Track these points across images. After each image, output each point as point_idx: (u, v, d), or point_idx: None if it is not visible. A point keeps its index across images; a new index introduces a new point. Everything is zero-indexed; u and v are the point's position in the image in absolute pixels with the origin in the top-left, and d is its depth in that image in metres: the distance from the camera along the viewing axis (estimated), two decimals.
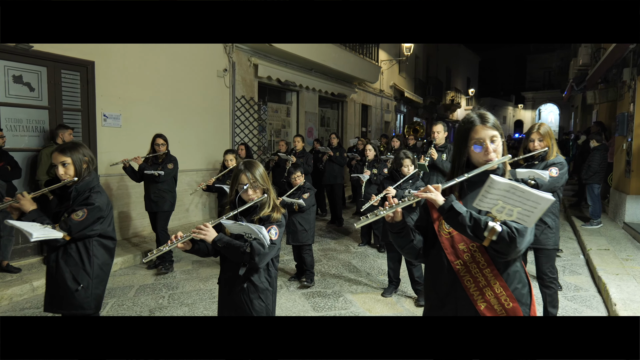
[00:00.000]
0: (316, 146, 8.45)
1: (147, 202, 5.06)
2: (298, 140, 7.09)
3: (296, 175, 4.43)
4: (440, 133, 5.01)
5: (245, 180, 2.13)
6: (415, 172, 4.01)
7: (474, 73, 33.26)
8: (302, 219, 4.41)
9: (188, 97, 7.06)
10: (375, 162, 6.00)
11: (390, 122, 16.56)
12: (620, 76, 7.17)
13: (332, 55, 10.20)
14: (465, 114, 1.74)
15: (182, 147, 6.92)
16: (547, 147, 3.19)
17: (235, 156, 5.18)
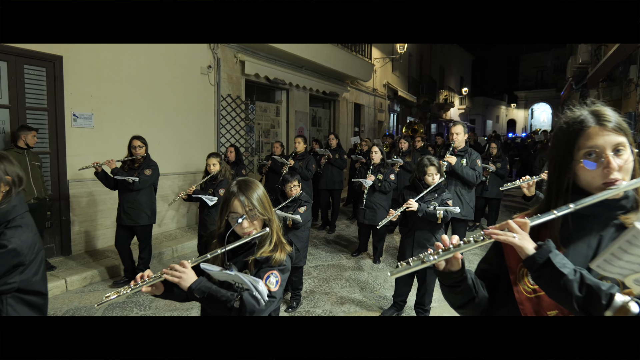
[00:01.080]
0: (315, 147, 7.97)
1: (120, 213, 4.51)
2: (299, 141, 6.40)
3: (292, 185, 3.88)
4: (460, 135, 4.58)
5: (239, 207, 1.63)
6: (441, 181, 3.54)
7: (467, 72, 33.01)
8: (294, 237, 3.87)
9: (169, 96, 6.57)
10: (381, 167, 5.38)
11: (383, 122, 16.16)
12: (627, 74, 6.82)
13: (323, 53, 9.75)
14: (574, 113, 1.16)
15: (162, 149, 6.44)
16: None
17: (219, 160, 4.61)
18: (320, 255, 5.85)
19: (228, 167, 4.72)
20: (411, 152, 6.75)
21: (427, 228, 3.50)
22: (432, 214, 3.36)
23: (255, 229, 1.66)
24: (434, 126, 25.73)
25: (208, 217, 4.41)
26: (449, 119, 27.66)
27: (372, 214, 5.21)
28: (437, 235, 3.52)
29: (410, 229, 3.60)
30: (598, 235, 1.11)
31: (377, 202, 5.24)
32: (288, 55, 8.82)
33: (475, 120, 34.45)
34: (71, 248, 5.32)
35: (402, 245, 3.69)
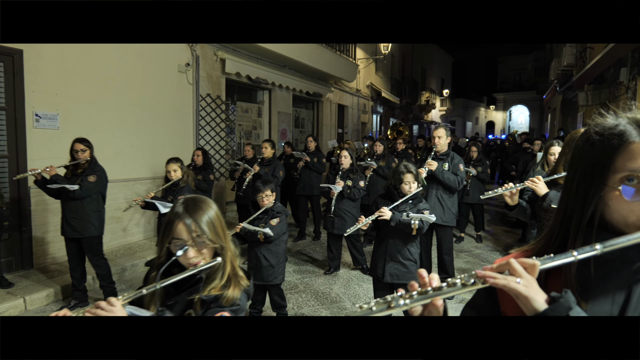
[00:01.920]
0: (287, 150, 7.58)
1: (64, 225, 4.00)
2: (266, 146, 5.86)
3: (264, 195, 3.50)
4: (442, 138, 4.33)
5: (184, 233, 1.31)
6: (419, 191, 3.23)
7: (448, 74, 33.22)
8: (268, 251, 3.51)
9: (143, 95, 6.12)
10: (350, 172, 5.03)
11: (367, 123, 15.94)
12: (617, 76, 6.72)
13: (307, 52, 9.42)
14: (607, 122, 0.87)
15: (135, 152, 6.00)
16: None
17: (180, 165, 4.20)
18: (305, 266, 5.51)
19: (190, 173, 4.37)
20: (385, 156, 6.36)
21: (400, 239, 3.21)
22: (406, 223, 3.07)
23: (204, 258, 1.34)
24: (415, 128, 25.70)
25: None
26: (431, 120, 27.71)
27: (341, 222, 4.90)
28: (411, 248, 3.23)
29: (382, 240, 3.31)
30: (626, 287, 0.84)
31: (346, 210, 4.93)
32: (271, 54, 8.46)
33: (455, 122, 34.69)
34: (33, 261, 4.84)
35: (374, 257, 3.38)
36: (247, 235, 3.45)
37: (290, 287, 4.70)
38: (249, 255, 3.64)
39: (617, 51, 5.80)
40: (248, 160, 6.02)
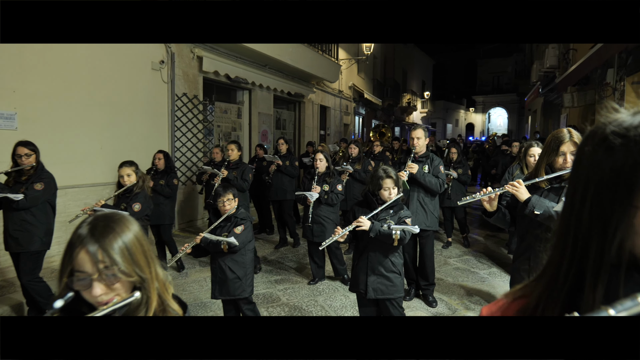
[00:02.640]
0: (259, 153, 7.22)
1: (6, 238, 3.57)
2: (232, 148, 5.46)
3: (225, 199, 3.18)
4: (421, 139, 4.12)
5: (88, 264, 1.00)
6: (399, 197, 2.94)
7: (429, 76, 33.37)
8: (233, 262, 3.20)
9: (113, 93, 5.72)
10: (326, 176, 4.68)
11: (349, 125, 15.72)
12: (604, 78, 6.64)
13: (288, 51, 9.12)
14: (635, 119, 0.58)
15: (104, 154, 5.59)
16: None
17: (135, 169, 3.79)
18: (287, 276, 5.20)
19: (147, 178, 3.97)
20: (361, 159, 6.09)
21: (381, 250, 2.94)
22: (386, 234, 2.80)
23: (118, 294, 1.04)
24: (397, 129, 25.66)
25: None
26: (412, 122, 27.73)
27: (321, 230, 4.61)
28: (393, 259, 2.95)
29: (361, 252, 3.02)
30: None
31: (324, 216, 4.62)
32: (251, 53, 8.12)
33: (436, 124, 34.89)
34: None
35: (354, 271, 3.08)
36: (209, 246, 3.14)
37: (272, 300, 4.38)
38: (212, 268, 3.32)
39: (605, 52, 5.70)
40: (217, 164, 5.64)
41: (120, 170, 3.79)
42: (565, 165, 2.24)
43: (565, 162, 2.24)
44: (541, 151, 2.39)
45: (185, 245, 3.22)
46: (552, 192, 2.33)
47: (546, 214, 2.17)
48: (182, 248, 3.19)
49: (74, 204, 5.12)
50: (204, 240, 3.14)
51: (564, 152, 2.23)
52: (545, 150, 2.33)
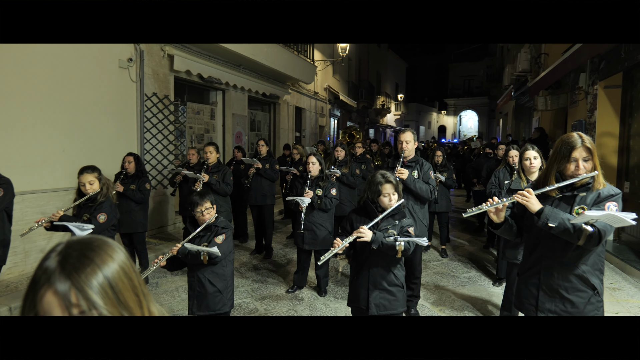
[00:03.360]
0: (237, 155, 6.97)
1: None
2: (211, 150, 5.17)
3: (203, 208, 2.96)
4: (410, 143, 3.93)
5: (56, 308, 0.77)
6: (401, 203, 2.75)
7: (402, 79, 33.72)
8: (214, 275, 2.99)
9: (76, 93, 5.36)
10: (320, 180, 4.48)
11: (325, 127, 15.60)
12: (576, 82, 6.74)
13: (263, 51, 8.90)
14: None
15: (67, 157, 5.24)
16: (594, 170, 2.09)
17: (97, 176, 3.41)
18: (265, 288, 4.99)
19: (111, 183, 3.63)
20: (348, 162, 5.84)
21: (383, 264, 2.76)
22: (389, 245, 2.60)
23: None
24: (372, 131, 25.75)
25: None
26: (386, 124, 27.93)
27: (312, 237, 4.39)
28: (396, 272, 2.77)
29: (361, 265, 2.82)
30: None
31: (318, 223, 4.39)
32: (224, 52, 7.86)
33: (409, 126, 35.30)
34: None
35: (354, 286, 2.90)
36: (187, 257, 2.89)
37: (249, 312, 4.17)
38: (190, 282, 3.09)
39: (579, 57, 5.76)
40: (192, 166, 5.33)
41: (80, 177, 3.40)
42: (577, 172, 2.08)
43: (577, 168, 2.08)
44: (550, 157, 2.23)
45: (159, 257, 2.96)
46: (563, 202, 2.17)
47: (562, 227, 2.01)
48: (155, 260, 2.93)
49: (32, 211, 4.76)
50: (181, 252, 2.89)
51: (576, 159, 2.07)
52: (554, 156, 2.16)
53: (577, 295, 2.14)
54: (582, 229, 1.96)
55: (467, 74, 37.90)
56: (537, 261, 2.26)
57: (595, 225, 1.96)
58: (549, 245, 2.18)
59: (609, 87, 6.16)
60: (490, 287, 4.88)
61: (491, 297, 4.54)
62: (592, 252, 2.12)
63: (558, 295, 2.17)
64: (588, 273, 2.13)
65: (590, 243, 1.99)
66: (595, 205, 2.07)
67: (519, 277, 2.43)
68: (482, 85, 32.38)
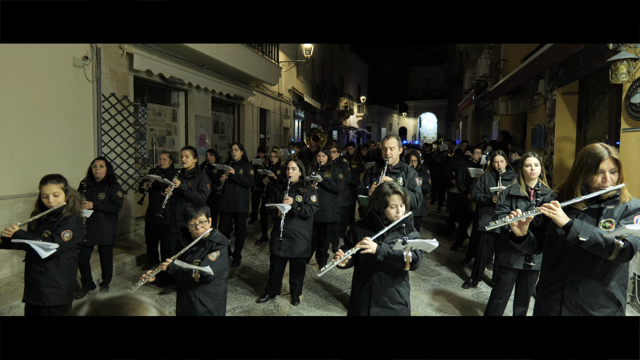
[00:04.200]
0: (210, 159, 6.73)
1: None
2: (188, 154, 4.82)
3: (198, 221, 2.76)
4: (395, 149, 3.87)
5: None
6: (408, 215, 2.62)
7: (364, 81, 34.08)
8: (205, 294, 2.81)
9: (26, 92, 4.97)
10: (300, 186, 4.35)
11: (289, 128, 15.46)
12: (536, 88, 6.99)
13: (227, 51, 8.66)
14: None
15: (16, 162, 4.85)
16: (622, 182, 2.05)
17: (63, 187, 3.02)
18: (237, 296, 4.82)
19: (78, 197, 3.22)
20: (331, 167, 5.67)
21: (388, 278, 2.62)
22: (397, 255, 2.46)
23: None
24: (335, 133, 25.85)
25: (41, 276, 2.89)
26: (349, 126, 28.11)
27: (290, 244, 4.25)
28: (401, 288, 2.65)
29: (365, 280, 2.69)
30: None
31: (297, 230, 4.27)
32: (187, 51, 7.58)
33: (371, 128, 35.75)
34: None
35: (354, 301, 2.77)
36: (177, 274, 2.70)
37: None
38: (179, 300, 2.90)
39: (540, 64, 5.96)
40: (163, 171, 5.04)
41: (43, 187, 2.98)
42: (605, 185, 2.01)
43: (604, 180, 2.02)
44: (575, 168, 2.15)
45: (149, 272, 2.75)
46: (589, 214, 2.10)
47: (593, 241, 1.94)
48: (143, 275, 2.73)
49: None
50: (171, 268, 2.69)
51: (603, 170, 2.01)
52: (580, 167, 2.09)
53: (602, 311, 2.10)
54: (615, 243, 1.91)
55: (426, 77, 38.83)
56: (560, 276, 2.18)
57: (627, 239, 1.91)
58: (576, 260, 2.11)
59: (566, 94, 6.42)
60: (460, 289, 4.94)
61: (462, 300, 4.59)
62: (619, 266, 2.08)
63: (582, 311, 2.11)
64: (614, 288, 2.10)
65: (622, 258, 1.95)
66: (623, 218, 2.03)
67: (539, 291, 2.36)
68: (442, 89, 33.30)
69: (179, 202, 4.65)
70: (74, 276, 3.15)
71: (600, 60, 5.07)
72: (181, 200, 4.64)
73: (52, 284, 2.92)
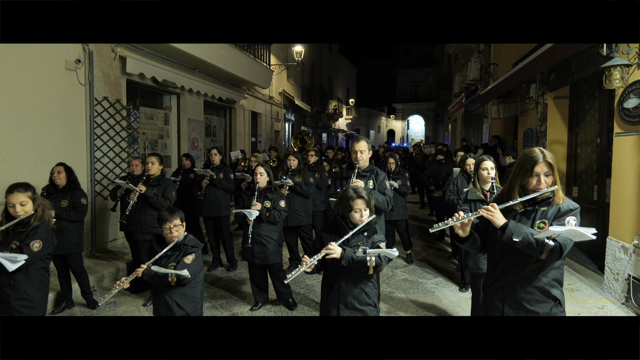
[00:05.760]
0: (185, 164, 6.61)
1: None
2: (153, 160, 4.70)
3: (172, 225, 2.78)
4: (365, 153, 3.87)
5: None
6: (372, 219, 2.66)
7: (353, 84, 34.23)
8: (182, 297, 2.81)
9: (18, 96, 4.87)
10: (268, 192, 4.30)
11: (280, 132, 15.43)
12: (527, 92, 7.10)
13: (220, 54, 8.61)
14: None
15: (7, 167, 4.75)
16: (555, 184, 2.15)
17: (31, 195, 2.93)
18: (228, 303, 4.78)
19: (46, 205, 3.09)
20: (301, 171, 5.66)
21: (354, 280, 2.65)
22: (360, 261, 2.51)
23: None
24: (324, 136, 25.89)
25: (10, 288, 2.80)
26: (338, 128, 28.19)
27: (262, 251, 4.20)
28: (368, 289, 2.67)
29: (332, 284, 2.71)
30: None
31: (266, 236, 4.23)
32: (179, 55, 7.52)
33: (360, 130, 35.87)
34: None
35: (324, 305, 2.78)
36: (152, 279, 2.70)
37: None
38: (155, 305, 2.88)
39: (532, 69, 6.06)
40: (135, 178, 4.83)
41: (9, 196, 2.87)
42: (539, 187, 2.14)
43: (539, 183, 2.15)
44: (513, 171, 2.28)
45: (122, 279, 2.72)
46: (524, 216, 2.22)
47: (525, 241, 2.06)
48: (118, 282, 2.69)
49: None
50: (147, 273, 2.70)
51: (538, 173, 2.14)
52: (517, 170, 2.22)
53: (540, 306, 2.21)
54: (545, 243, 2.02)
55: (414, 80, 39.13)
56: (500, 275, 2.30)
57: (556, 239, 2.02)
58: (512, 259, 2.23)
59: (558, 98, 6.53)
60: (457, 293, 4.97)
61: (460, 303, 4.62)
62: (552, 265, 2.19)
63: (522, 308, 2.23)
64: (548, 285, 2.20)
65: (552, 257, 2.06)
66: (555, 219, 2.13)
67: (484, 290, 2.47)
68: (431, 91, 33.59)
69: (144, 209, 4.56)
70: (46, 287, 3.03)
71: (592, 66, 5.18)
72: (145, 207, 4.56)
73: (22, 296, 2.81)
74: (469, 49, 12.92)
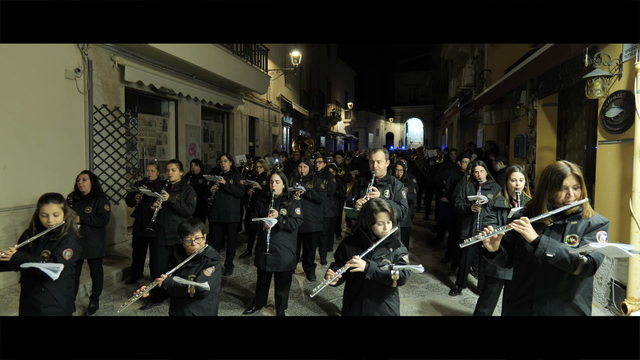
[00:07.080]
0: (195, 169, 6.75)
1: None
2: (174, 167, 4.87)
3: (194, 237, 2.81)
4: (382, 162, 3.92)
5: None
6: (395, 231, 2.69)
7: (351, 87, 34.39)
8: (198, 309, 2.85)
9: (18, 104, 5.01)
10: (284, 200, 4.32)
11: (278, 136, 15.57)
12: (518, 99, 7.24)
13: (217, 61, 8.77)
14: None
15: (8, 174, 4.88)
16: (584, 197, 2.13)
17: (63, 206, 3.02)
18: (225, 305, 4.90)
19: (74, 214, 3.22)
20: (312, 178, 5.70)
21: (377, 295, 2.69)
22: (384, 275, 2.55)
23: None
24: (323, 139, 26.03)
25: (41, 295, 2.89)
26: (337, 132, 28.33)
27: (276, 259, 4.23)
28: (391, 303, 2.72)
29: (354, 296, 2.74)
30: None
31: (282, 244, 4.24)
32: (177, 62, 7.67)
33: (358, 133, 36.02)
34: None
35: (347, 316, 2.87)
36: (172, 290, 2.73)
37: None
38: (172, 315, 2.96)
39: (522, 77, 6.20)
40: (151, 183, 5.02)
41: (43, 207, 2.94)
42: (569, 200, 2.11)
43: (568, 196, 2.11)
44: (540, 185, 2.23)
45: (142, 287, 2.77)
46: (554, 230, 2.18)
47: (559, 257, 2.02)
48: (138, 291, 2.74)
49: None
50: (167, 283, 2.72)
51: (567, 187, 2.11)
52: (545, 184, 2.18)
53: None
54: (580, 259, 2.00)
55: (412, 82, 39.31)
56: (529, 289, 2.26)
57: (590, 255, 2.00)
58: (543, 273, 2.19)
59: (547, 105, 6.68)
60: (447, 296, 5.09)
61: (449, 306, 4.75)
62: (584, 280, 2.16)
63: None
64: (579, 301, 2.17)
65: (586, 273, 2.04)
66: (586, 234, 2.11)
67: (509, 304, 2.45)
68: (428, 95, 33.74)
69: (167, 215, 4.70)
70: (72, 293, 3.22)
71: (577, 75, 5.32)
72: (169, 213, 4.69)
73: (52, 302, 2.93)
74: (463, 55, 13.08)
